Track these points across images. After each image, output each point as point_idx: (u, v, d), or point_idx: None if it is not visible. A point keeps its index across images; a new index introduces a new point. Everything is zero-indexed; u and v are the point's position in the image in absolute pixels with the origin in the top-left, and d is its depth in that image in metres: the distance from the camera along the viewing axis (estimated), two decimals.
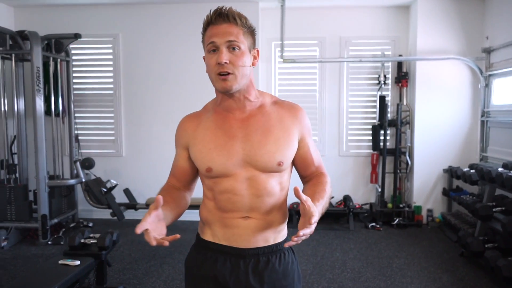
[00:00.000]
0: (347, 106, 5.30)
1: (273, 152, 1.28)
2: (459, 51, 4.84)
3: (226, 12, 1.24)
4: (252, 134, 1.29)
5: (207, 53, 1.27)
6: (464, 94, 4.92)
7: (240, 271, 1.31)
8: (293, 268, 1.38)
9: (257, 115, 1.32)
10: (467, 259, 3.81)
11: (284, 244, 1.22)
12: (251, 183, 1.29)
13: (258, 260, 1.32)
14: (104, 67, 5.28)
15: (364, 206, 5.23)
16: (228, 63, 1.23)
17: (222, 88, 1.26)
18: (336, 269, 3.64)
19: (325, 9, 5.21)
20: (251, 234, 1.31)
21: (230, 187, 1.29)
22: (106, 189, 4.60)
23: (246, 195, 1.29)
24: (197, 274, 1.36)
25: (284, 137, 1.31)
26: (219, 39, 1.23)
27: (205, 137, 1.32)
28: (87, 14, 5.15)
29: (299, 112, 1.37)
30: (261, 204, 1.30)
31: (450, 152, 4.97)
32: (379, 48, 5.19)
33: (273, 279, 1.33)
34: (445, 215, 4.83)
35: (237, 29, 1.24)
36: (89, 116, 5.31)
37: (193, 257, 1.40)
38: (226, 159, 1.28)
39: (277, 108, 1.35)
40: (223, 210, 1.32)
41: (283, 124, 1.32)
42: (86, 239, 2.89)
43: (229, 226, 1.32)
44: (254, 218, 1.31)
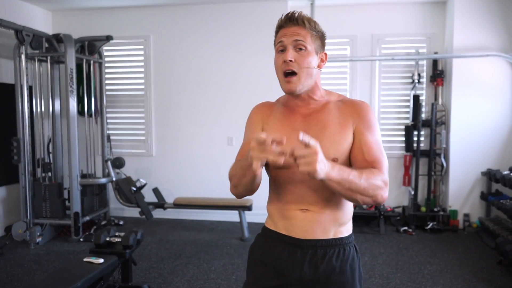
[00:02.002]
0: (379, 106, 5.15)
1: (328, 148, 1.28)
2: (500, 48, 4.58)
3: (295, 16, 1.31)
4: (311, 129, 1.32)
5: (276, 53, 1.35)
6: (505, 92, 4.65)
7: (296, 260, 1.34)
8: (353, 266, 1.37)
9: (319, 111, 1.37)
10: (506, 267, 3.59)
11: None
12: (307, 176, 1.25)
13: (315, 252, 1.34)
14: (135, 68, 5.38)
15: (396, 209, 5.06)
16: (294, 62, 1.29)
17: (287, 90, 1.33)
18: (363, 274, 3.52)
19: (356, 7, 5.08)
20: (309, 226, 1.34)
21: (288, 179, 1.34)
22: (136, 188, 4.68)
23: (303, 188, 1.33)
24: (258, 259, 1.43)
25: (340, 132, 1.33)
26: (286, 39, 1.31)
27: (274, 126, 1.39)
28: (119, 17, 5.27)
29: (359, 105, 1.36)
30: (319, 198, 1.33)
31: (489, 154, 4.71)
32: (413, 45, 5.00)
33: (329, 273, 1.33)
34: (483, 220, 4.58)
35: (305, 31, 1.31)
36: (120, 117, 5.43)
37: (256, 244, 1.47)
38: None
39: (339, 105, 1.38)
40: (283, 202, 1.37)
41: (340, 120, 1.34)
42: (112, 238, 2.94)
43: (288, 217, 1.36)
44: (312, 210, 1.34)
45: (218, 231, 4.73)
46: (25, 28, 4.10)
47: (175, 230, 4.77)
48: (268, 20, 4.93)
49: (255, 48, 4.96)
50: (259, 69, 4.93)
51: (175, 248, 4.16)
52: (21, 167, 4.29)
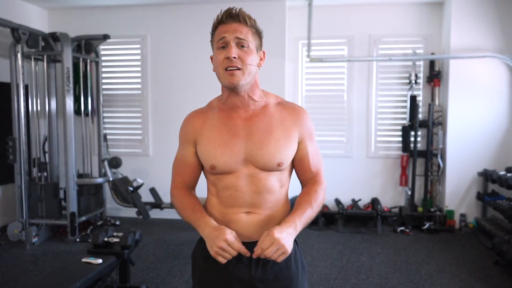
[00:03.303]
0: (376, 106, 5.16)
1: (273, 153, 1.32)
2: (496, 49, 4.60)
3: (236, 13, 1.31)
4: (255, 134, 1.34)
5: (216, 50, 1.32)
6: (501, 93, 4.68)
7: (243, 265, 1.36)
8: (296, 259, 1.42)
9: (260, 115, 1.36)
10: (503, 267, 3.61)
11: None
12: (251, 180, 1.34)
13: None
14: (132, 68, 5.35)
15: (393, 209, 5.07)
16: (237, 58, 1.28)
17: (230, 83, 1.30)
18: (361, 274, 3.53)
19: (354, 7, 5.09)
20: (253, 229, 1.36)
21: (232, 183, 1.35)
22: (133, 188, 4.66)
23: (247, 192, 1.35)
24: (203, 267, 1.41)
25: (285, 138, 1.35)
26: (229, 35, 1.29)
27: (211, 134, 1.36)
28: (116, 16, 5.24)
29: (301, 114, 1.40)
30: (262, 200, 1.36)
31: (485, 155, 4.74)
32: (410, 46, 5.02)
33: (276, 270, 1.37)
34: (479, 221, 4.61)
35: (246, 29, 1.31)
36: (117, 116, 5.40)
37: (198, 251, 1.44)
38: (228, 157, 1.33)
39: (280, 109, 1.39)
40: (225, 206, 1.37)
41: (284, 125, 1.36)
42: (109, 238, 2.92)
43: (232, 221, 1.36)
44: (255, 213, 1.36)
45: None
46: (21, 27, 4.07)
47: (172, 230, 4.75)
48: (266, 20, 4.93)
49: None
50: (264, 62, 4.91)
51: (172, 248, 4.14)
52: (16, 166, 4.25)
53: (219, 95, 1.43)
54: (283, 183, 1.40)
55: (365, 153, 5.21)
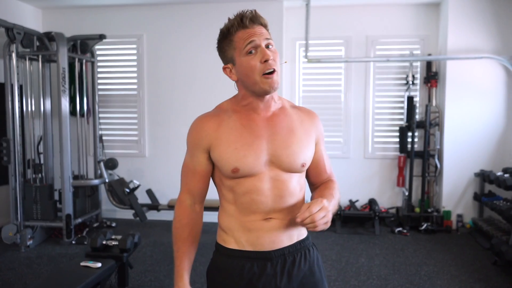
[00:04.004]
0: (373, 107, 5.16)
1: (298, 153, 1.29)
2: (493, 50, 4.62)
3: (256, 15, 1.27)
4: (278, 134, 1.29)
5: (245, 55, 1.24)
6: (498, 94, 4.71)
7: (268, 275, 1.29)
8: (319, 265, 1.39)
9: (280, 115, 1.33)
10: (501, 268, 3.62)
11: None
12: (274, 183, 1.29)
13: (285, 261, 1.31)
14: (128, 68, 5.31)
15: (390, 210, 5.08)
16: (272, 60, 1.24)
17: (271, 88, 1.25)
18: (361, 275, 3.52)
19: (351, 8, 5.08)
20: (276, 235, 1.30)
21: (253, 187, 1.27)
22: (129, 190, 4.61)
23: (270, 196, 1.28)
24: (223, 282, 1.32)
25: (306, 139, 1.33)
26: (258, 38, 1.24)
27: (230, 136, 1.28)
28: (112, 15, 5.19)
29: (316, 117, 1.41)
30: (284, 204, 1.30)
31: (482, 155, 4.76)
32: (407, 47, 5.03)
33: (301, 277, 1.33)
34: (476, 221, 4.63)
35: (266, 30, 1.28)
36: (113, 117, 5.34)
37: (216, 267, 1.36)
38: (253, 158, 1.26)
39: (296, 111, 1.37)
40: (244, 213, 1.30)
41: (304, 126, 1.34)
42: (108, 241, 2.88)
43: (252, 229, 1.29)
44: (276, 218, 1.30)
45: (214, 233, 4.61)
46: (16, 26, 4.01)
47: (169, 232, 4.65)
48: None
49: None
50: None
51: (170, 250, 4.10)
52: (11, 168, 4.18)
53: (231, 98, 1.36)
54: (302, 186, 1.36)
55: (362, 153, 5.21)
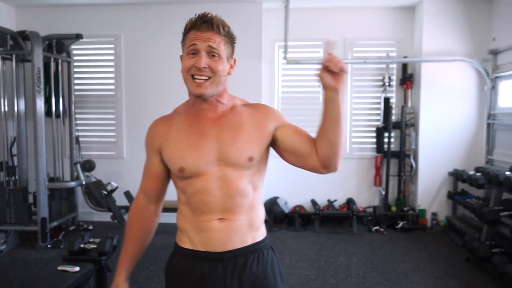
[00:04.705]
0: (351, 108, 5.24)
1: (244, 148, 1.30)
2: (465, 53, 4.77)
3: (211, 19, 1.27)
4: (224, 132, 1.31)
5: (186, 54, 1.30)
6: (470, 96, 4.85)
7: (218, 276, 1.30)
8: (273, 268, 1.38)
9: (228, 114, 1.34)
10: (474, 264, 3.74)
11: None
12: (222, 182, 1.30)
13: (236, 263, 1.31)
14: (106, 68, 5.23)
15: (368, 209, 5.17)
16: (207, 68, 1.26)
17: (197, 93, 1.28)
18: (340, 274, 3.57)
19: (329, 10, 5.15)
20: (227, 237, 1.30)
21: (202, 187, 1.30)
22: (107, 192, 4.54)
23: (218, 195, 1.29)
24: (176, 281, 1.37)
25: (256, 132, 1.32)
26: (201, 43, 1.26)
27: (178, 137, 1.33)
28: (89, 14, 5.10)
29: (269, 108, 1.40)
30: (234, 204, 1.30)
31: (456, 155, 4.90)
32: (384, 49, 5.13)
33: (252, 279, 1.32)
34: (450, 219, 4.76)
35: (219, 38, 1.27)
36: (90, 118, 5.25)
37: (171, 265, 1.40)
38: (198, 157, 1.29)
39: (247, 108, 1.38)
40: (197, 213, 1.32)
41: (254, 121, 1.34)
42: (86, 244, 2.82)
43: (204, 230, 1.31)
44: (228, 219, 1.31)
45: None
46: None
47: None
48: (243, 22, 4.93)
49: None
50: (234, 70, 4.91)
51: (149, 252, 4.03)
52: None
53: (185, 101, 1.41)
54: (255, 185, 1.35)
55: None
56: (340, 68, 1.14)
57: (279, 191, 5.24)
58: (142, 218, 1.43)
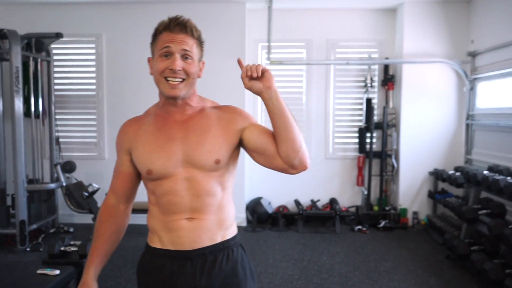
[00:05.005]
0: (333, 108, 5.28)
1: (210, 151, 1.31)
2: (445, 55, 4.86)
3: (185, 23, 1.30)
4: (191, 135, 1.33)
5: (159, 57, 1.30)
6: (450, 97, 4.95)
7: (187, 273, 1.32)
8: (243, 265, 1.39)
9: (196, 117, 1.36)
10: (454, 261, 3.81)
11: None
12: (190, 183, 1.31)
13: (205, 260, 1.33)
14: (87, 68, 5.15)
15: (351, 209, 5.22)
16: (181, 70, 1.28)
17: (172, 95, 1.30)
18: (323, 273, 3.60)
19: (312, 11, 5.18)
20: (196, 235, 1.32)
21: (170, 188, 1.31)
22: (88, 193, 4.47)
23: (186, 196, 1.31)
24: (146, 279, 1.39)
25: (223, 135, 1.33)
26: (175, 46, 1.28)
27: (146, 139, 1.35)
28: (70, 13, 5.01)
29: (236, 110, 1.41)
30: (202, 204, 1.32)
31: (436, 155, 4.99)
32: (366, 51, 5.19)
33: (222, 277, 1.34)
34: (430, 218, 4.84)
35: (192, 41, 1.31)
36: (70, 118, 5.17)
37: (142, 265, 1.42)
38: (165, 160, 1.31)
39: (216, 110, 1.39)
40: (166, 213, 1.34)
41: (222, 123, 1.35)
42: (66, 247, 2.77)
43: (174, 229, 1.33)
44: (197, 218, 1.32)
45: None
46: None
47: (130, 236, 4.57)
48: (226, 22, 4.93)
49: (211, 49, 4.91)
50: (215, 70, 4.90)
51: (131, 255, 4.02)
52: None
53: (156, 103, 1.43)
54: (224, 186, 1.36)
55: (324, 154, 5.32)
56: (259, 72, 1.24)
57: (263, 191, 5.25)
58: (112, 217, 1.43)
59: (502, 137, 4.11)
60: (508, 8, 4.07)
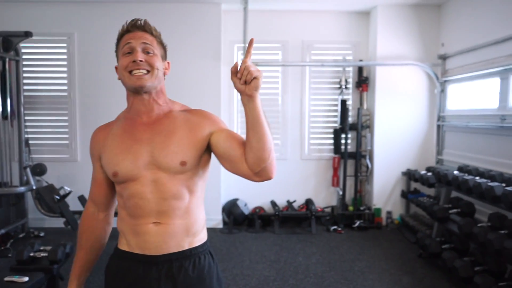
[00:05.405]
0: (309, 110, 5.33)
1: (176, 152, 1.30)
2: (417, 57, 4.97)
3: (143, 24, 1.34)
4: (157, 136, 1.32)
5: (122, 56, 1.32)
6: (422, 99, 5.06)
7: (151, 278, 1.31)
8: (210, 272, 1.37)
9: (163, 119, 1.36)
10: (426, 260, 3.90)
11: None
12: (156, 185, 1.30)
13: (171, 266, 1.31)
14: (58, 68, 5.01)
15: (326, 209, 5.27)
16: (144, 62, 1.29)
17: (138, 85, 1.29)
18: (299, 274, 3.62)
19: (288, 13, 5.21)
20: (163, 240, 1.31)
21: (136, 191, 1.30)
22: (59, 197, 4.35)
23: (152, 199, 1.30)
24: (112, 282, 1.38)
25: (189, 138, 1.32)
26: (135, 41, 1.31)
27: (113, 143, 1.35)
28: (40, 11, 4.87)
29: (205, 113, 1.39)
30: (169, 208, 1.30)
31: (408, 155, 5.09)
32: (341, 53, 5.25)
33: (187, 284, 1.32)
34: (403, 217, 4.94)
35: (151, 37, 1.34)
36: (41, 119, 5.02)
37: (109, 268, 1.41)
38: (130, 162, 1.30)
39: (184, 113, 1.38)
40: (133, 217, 1.33)
41: (189, 126, 1.34)
42: (36, 253, 2.69)
43: (141, 233, 1.32)
44: (164, 223, 1.31)
45: None
46: None
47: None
48: (202, 23, 4.89)
49: (187, 50, 4.87)
50: (191, 70, 4.86)
51: (104, 259, 3.90)
52: None
53: (126, 108, 1.43)
54: (192, 190, 1.33)
55: (299, 155, 5.36)
56: (248, 80, 1.15)
57: (239, 192, 5.24)
58: (91, 226, 1.43)
59: (471, 138, 4.24)
60: (476, 13, 4.20)
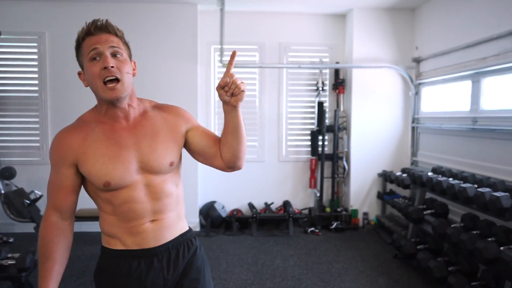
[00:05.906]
0: (286, 111, 5.33)
1: (164, 154, 1.36)
2: (392, 60, 5.04)
3: (105, 24, 1.30)
4: (142, 140, 1.34)
5: (89, 62, 1.28)
6: (397, 101, 5.14)
7: (155, 269, 1.37)
8: (201, 253, 1.50)
9: (142, 121, 1.37)
10: (401, 260, 3.94)
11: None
12: (149, 188, 1.35)
13: (169, 254, 1.40)
14: (28, 68, 4.85)
15: (304, 211, 5.28)
16: (115, 68, 1.26)
17: (112, 98, 1.28)
18: (276, 277, 3.60)
19: (265, 15, 5.20)
20: (160, 234, 1.38)
21: (129, 197, 1.32)
22: (30, 201, 4.21)
23: (146, 201, 1.35)
24: (112, 284, 1.36)
25: (170, 137, 1.39)
26: (102, 45, 1.26)
27: (97, 150, 1.31)
28: (10, 10, 4.70)
29: (179, 110, 1.46)
30: (162, 206, 1.38)
31: (384, 157, 5.16)
32: (317, 55, 5.28)
33: (187, 265, 1.44)
34: (379, 218, 5.00)
35: (117, 39, 1.31)
36: (10, 121, 4.85)
37: (103, 270, 1.39)
38: (122, 170, 1.31)
39: (158, 111, 1.42)
40: (127, 221, 1.34)
41: (168, 125, 1.40)
42: (3, 260, 2.59)
43: (138, 232, 1.35)
44: (160, 219, 1.38)
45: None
46: None
47: (77, 244, 4.34)
48: (178, 23, 4.83)
49: (163, 50, 4.80)
50: (167, 71, 4.78)
51: (78, 264, 3.82)
52: None
53: (93, 108, 1.40)
54: (177, 183, 1.44)
55: (277, 157, 5.35)
56: (235, 93, 1.26)
57: (216, 195, 5.19)
58: (58, 235, 1.36)
59: (444, 140, 4.32)
60: (449, 17, 4.29)
